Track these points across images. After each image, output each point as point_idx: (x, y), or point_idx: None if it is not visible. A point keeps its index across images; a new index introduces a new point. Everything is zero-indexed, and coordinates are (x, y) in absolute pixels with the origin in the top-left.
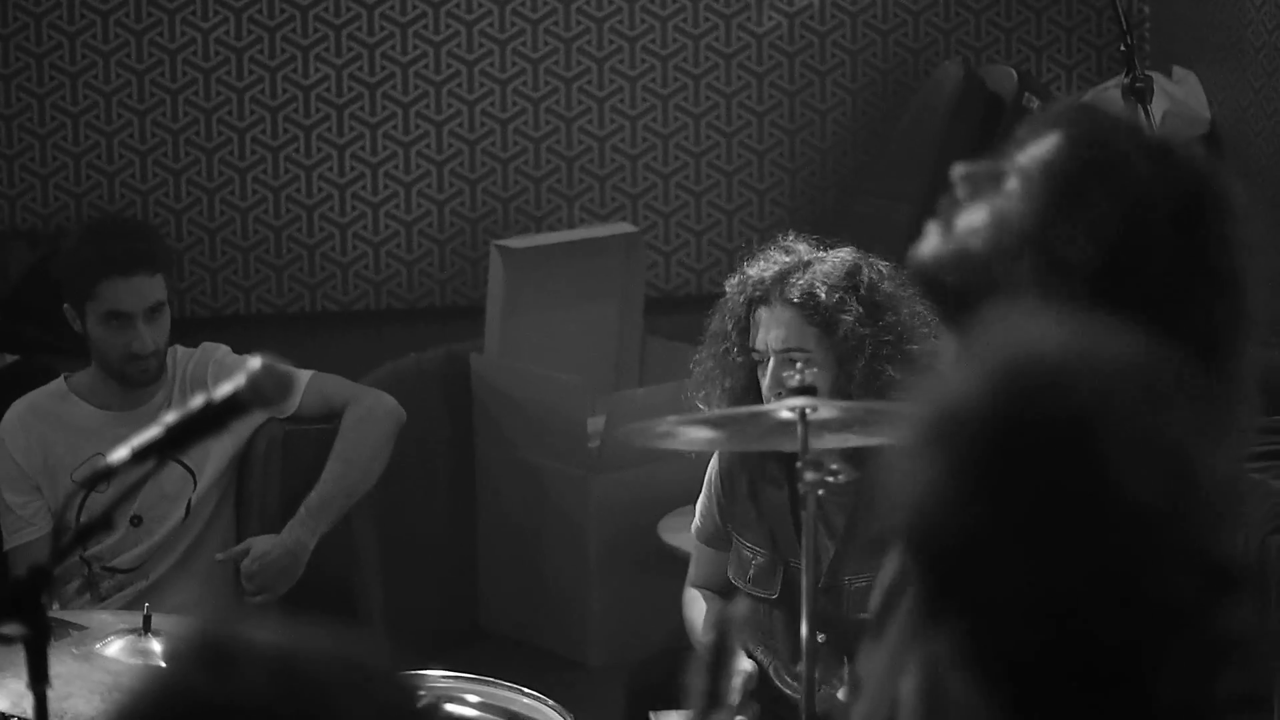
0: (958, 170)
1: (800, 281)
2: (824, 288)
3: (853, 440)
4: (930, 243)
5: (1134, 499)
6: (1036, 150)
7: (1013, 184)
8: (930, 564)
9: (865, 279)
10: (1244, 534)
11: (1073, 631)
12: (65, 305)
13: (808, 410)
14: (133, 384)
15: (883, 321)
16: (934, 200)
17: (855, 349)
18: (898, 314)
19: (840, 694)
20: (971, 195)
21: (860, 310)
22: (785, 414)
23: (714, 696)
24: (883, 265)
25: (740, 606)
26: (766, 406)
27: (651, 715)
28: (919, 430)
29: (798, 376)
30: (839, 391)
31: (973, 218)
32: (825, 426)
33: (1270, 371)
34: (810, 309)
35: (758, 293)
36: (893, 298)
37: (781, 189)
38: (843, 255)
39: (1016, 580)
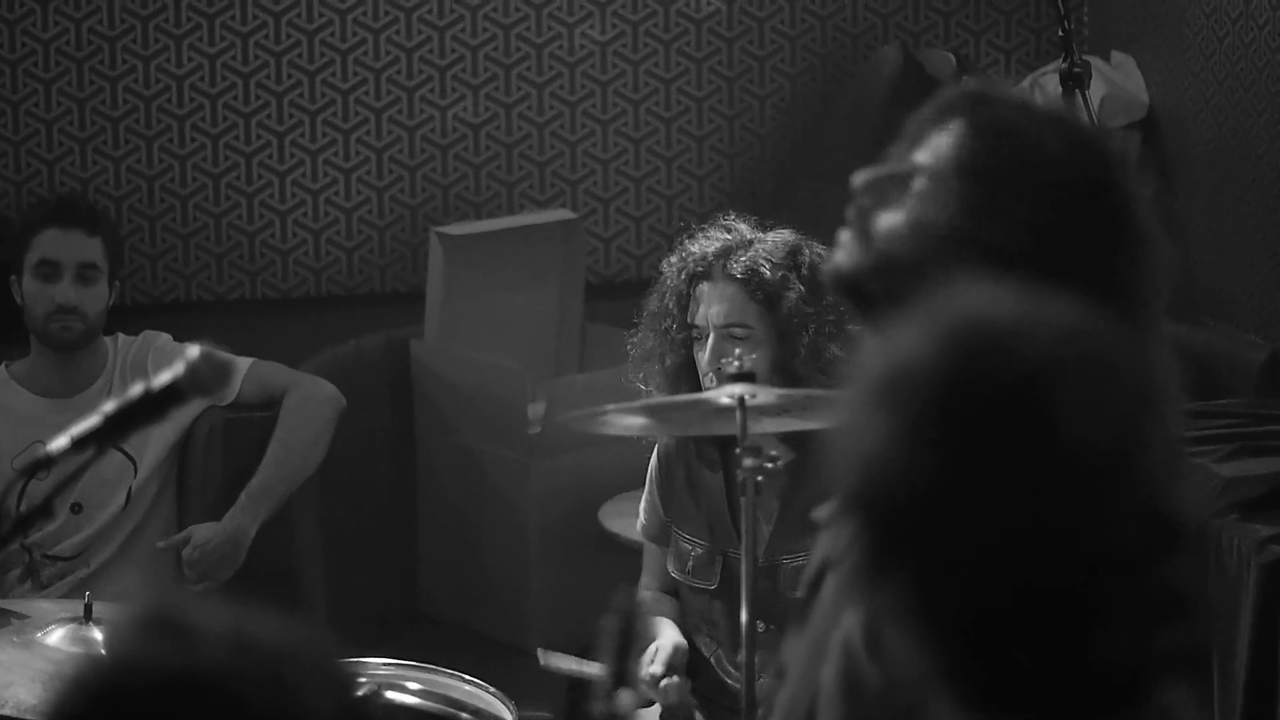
0: (859, 178)
1: (744, 258)
2: (767, 264)
3: (791, 424)
4: (848, 252)
5: (1083, 451)
6: (941, 146)
7: (925, 184)
8: (878, 520)
9: (806, 259)
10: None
11: (1019, 583)
12: (11, 276)
13: (746, 396)
14: (56, 345)
15: (825, 301)
16: None
17: (799, 325)
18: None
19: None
20: (879, 201)
21: (803, 289)
22: (724, 400)
23: (619, 677)
24: (820, 249)
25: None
26: (705, 394)
27: (540, 653)
28: (868, 390)
29: (736, 363)
30: (781, 369)
31: (890, 222)
32: (763, 411)
33: (1201, 355)
34: (754, 285)
35: (699, 268)
36: None
37: (721, 174)
38: (783, 236)
39: (965, 533)
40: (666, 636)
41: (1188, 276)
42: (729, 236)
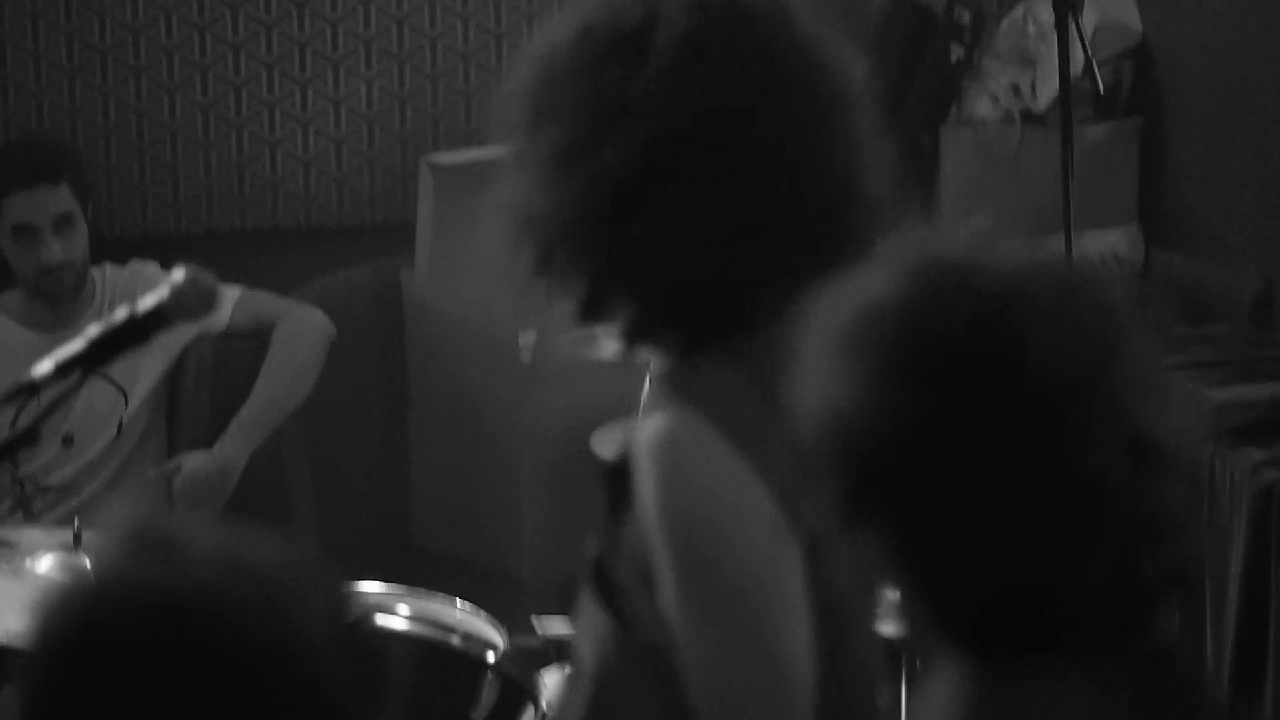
0: None
1: None
2: None
3: None
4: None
5: (1054, 374)
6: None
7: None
8: (852, 466)
9: None
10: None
11: (1001, 517)
12: None
13: None
14: (49, 298)
15: None
16: None
17: None
18: None
19: None
20: None
21: None
22: None
23: None
24: None
25: None
26: None
27: (534, 618)
28: (832, 336)
29: None
30: None
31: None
32: None
33: (1193, 285)
34: None
35: None
36: None
37: None
38: None
39: (944, 470)
40: None
41: (1181, 206)
42: None
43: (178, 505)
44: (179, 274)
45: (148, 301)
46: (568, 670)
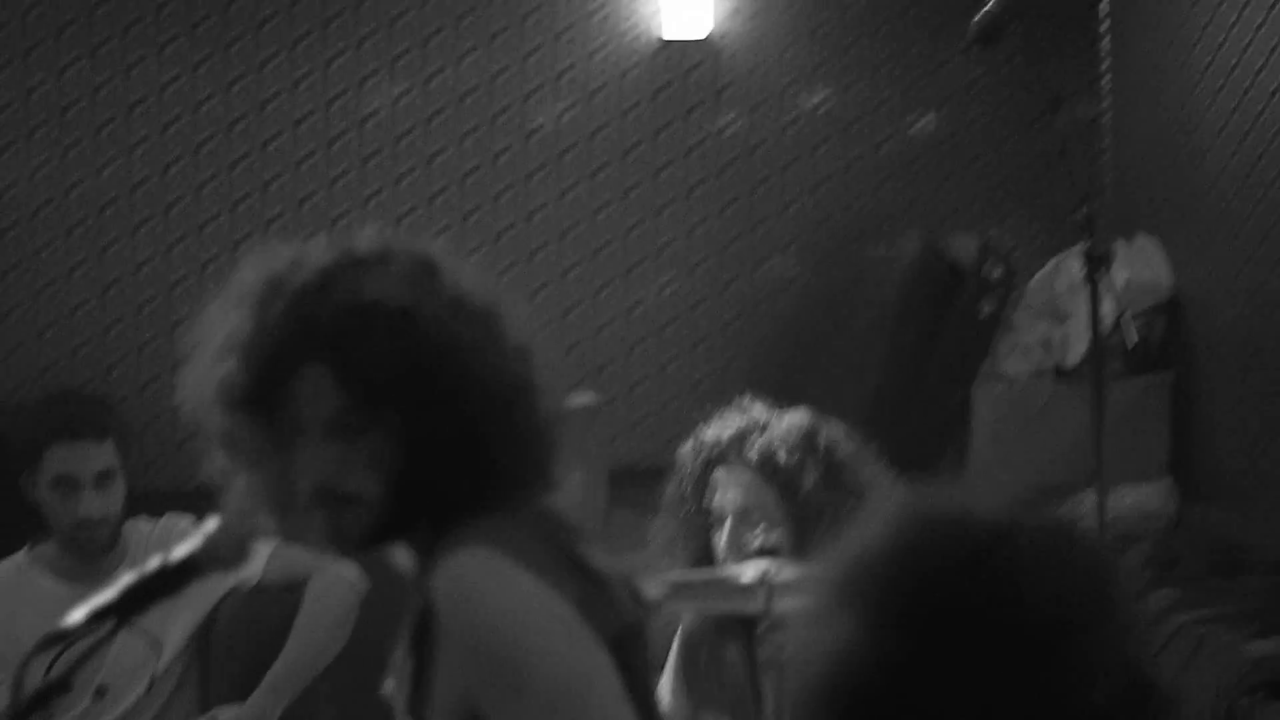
0: None
1: (759, 443)
2: (783, 449)
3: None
4: None
5: (1046, 616)
6: None
7: None
8: (851, 708)
9: (823, 440)
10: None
11: None
12: (24, 473)
13: (770, 573)
14: (84, 553)
15: (843, 482)
16: (894, 369)
17: (816, 512)
18: (857, 474)
19: None
20: None
21: (822, 470)
22: (748, 577)
23: None
24: (838, 431)
25: None
26: (730, 571)
27: None
28: (831, 586)
29: (761, 538)
30: (794, 553)
31: None
32: (788, 589)
33: (1228, 536)
34: (769, 471)
35: (714, 453)
36: (853, 457)
37: (742, 361)
38: (799, 418)
39: (935, 710)
40: None
41: (1213, 459)
42: (743, 421)
43: None
44: (212, 523)
45: (181, 550)
46: None
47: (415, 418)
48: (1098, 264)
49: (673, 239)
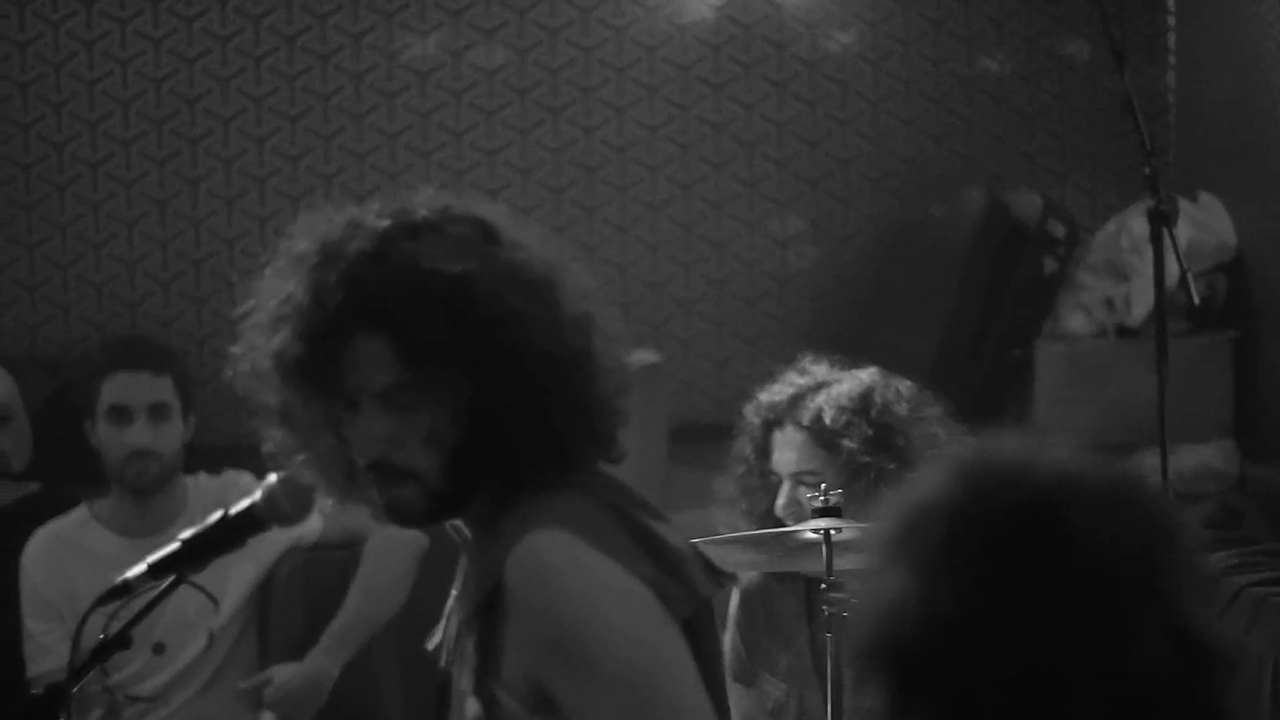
0: None
1: (811, 405)
2: (832, 410)
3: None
4: None
5: (1103, 564)
6: None
7: None
8: (899, 656)
9: (878, 401)
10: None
11: (1046, 705)
12: (86, 421)
13: (832, 531)
14: (134, 488)
15: (889, 445)
16: (956, 327)
17: (858, 472)
18: (908, 437)
19: None
20: None
21: (869, 433)
22: (809, 534)
23: None
24: (903, 386)
25: None
26: (792, 528)
27: None
28: (887, 539)
29: (822, 498)
30: (851, 513)
31: None
32: (848, 547)
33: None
34: (817, 431)
35: (772, 416)
36: (904, 421)
37: (801, 316)
38: (861, 377)
39: (990, 661)
40: None
41: (1276, 419)
42: (802, 381)
43: (268, 716)
44: (272, 478)
45: (241, 504)
46: None
47: (472, 389)
48: (1161, 222)
49: (735, 195)
